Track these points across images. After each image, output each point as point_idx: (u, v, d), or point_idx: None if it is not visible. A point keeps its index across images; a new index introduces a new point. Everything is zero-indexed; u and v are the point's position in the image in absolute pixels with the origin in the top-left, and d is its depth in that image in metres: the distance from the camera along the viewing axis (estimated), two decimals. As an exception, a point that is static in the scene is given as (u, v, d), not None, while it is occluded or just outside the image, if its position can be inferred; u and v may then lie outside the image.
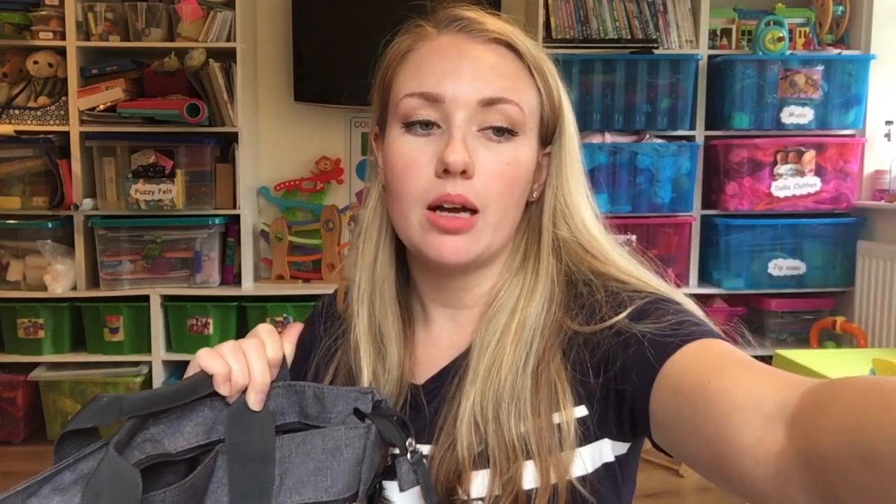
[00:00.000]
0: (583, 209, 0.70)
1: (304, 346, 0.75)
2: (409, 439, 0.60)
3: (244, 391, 0.60)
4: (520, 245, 0.71)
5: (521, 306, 0.67)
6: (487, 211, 0.64)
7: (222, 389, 0.59)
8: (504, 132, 0.65)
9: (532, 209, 0.71)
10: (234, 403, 0.59)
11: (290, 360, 0.65)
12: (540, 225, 0.70)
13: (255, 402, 0.59)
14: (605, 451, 0.63)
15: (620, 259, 0.69)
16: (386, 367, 0.69)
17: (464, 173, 0.63)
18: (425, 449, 0.65)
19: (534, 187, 0.70)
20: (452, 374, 0.67)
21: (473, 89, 0.63)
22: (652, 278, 0.68)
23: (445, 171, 0.62)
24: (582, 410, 0.62)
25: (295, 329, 0.68)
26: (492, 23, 0.66)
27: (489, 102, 0.63)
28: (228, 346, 0.61)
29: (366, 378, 0.69)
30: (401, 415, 0.61)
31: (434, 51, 0.66)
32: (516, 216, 0.68)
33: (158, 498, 0.53)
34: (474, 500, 0.61)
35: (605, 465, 0.63)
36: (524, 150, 0.66)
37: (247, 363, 0.60)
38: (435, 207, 0.64)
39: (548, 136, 0.70)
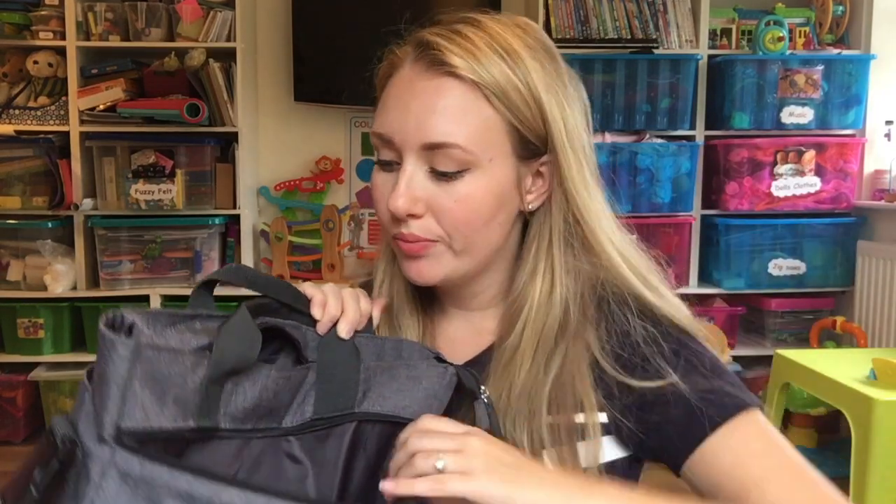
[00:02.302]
0: (592, 218, 0.69)
1: None
2: (482, 386, 0.62)
3: (335, 325, 0.62)
4: (529, 252, 0.71)
5: (532, 317, 0.68)
6: (446, 240, 0.67)
7: (316, 311, 0.61)
8: (450, 174, 0.65)
9: (538, 218, 0.71)
10: (326, 334, 0.62)
11: (375, 323, 0.67)
12: (550, 234, 0.70)
13: (344, 330, 0.61)
14: (617, 448, 0.68)
15: (635, 277, 0.70)
16: None
17: (412, 215, 0.66)
18: None
19: (527, 199, 0.70)
20: (478, 367, 0.70)
21: (417, 134, 0.65)
22: (672, 298, 0.71)
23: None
24: (603, 417, 0.66)
25: (381, 301, 0.70)
26: (453, 49, 0.64)
27: (431, 147, 0.65)
28: (329, 285, 0.65)
29: None
30: (471, 370, 0.64)
31: (395, 86, 0.68)
32: (492, 237, 0.69)
33: (265, 371, 0.57)
34: None
35: (622, 459, 0.68)
36: (480, 182, 0.66)
37: (342, 301, 0.63)
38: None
39: (537, 146, 0.68)
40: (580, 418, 0.65)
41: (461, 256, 0.68)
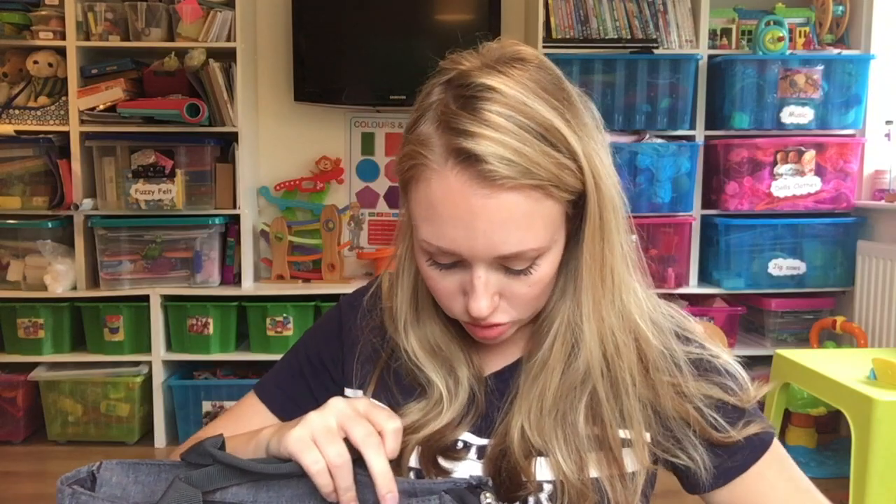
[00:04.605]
0: (618, 274, 0.68)
1: (343, 331, 0.79)
2: (485, 493, 0.58)
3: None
4: (561, 274, 0.70)
5: (562, 332, 0.69)
6: (517, 317, 0.68)
7: (321, 483, 0.55)
8: (525, 269, 0.64)
9: (571, 243, 0.69)
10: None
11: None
12: (580, 259, 0.68)
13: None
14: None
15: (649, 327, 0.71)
16: (458, 381, 0.72)
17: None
18: (483, 441, 0.70)
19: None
20: (508, 380, 0.72)
21: (488, 250, 0.61)
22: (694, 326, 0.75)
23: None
24: (647, 436, 0.69)
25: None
26: (501, 153, 0.58)
27: (505, 258, 0.62)
28: (321, 422, 0.57)
29: (442, 390, 0.72)
30: (481, 478, 0.59)
31: (442, 197, 0.61)
32: (549, 290, 0.69)
33: None
34: (545, 482, 0.66)
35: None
36: (548, 261, 0.65)
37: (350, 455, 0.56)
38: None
39: (579, 206, 0.67)
40: (624, 433, 0.67)
41: (526, 318, 0.70)
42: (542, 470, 0.66)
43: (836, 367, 1.98)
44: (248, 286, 2.90)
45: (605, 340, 0.67)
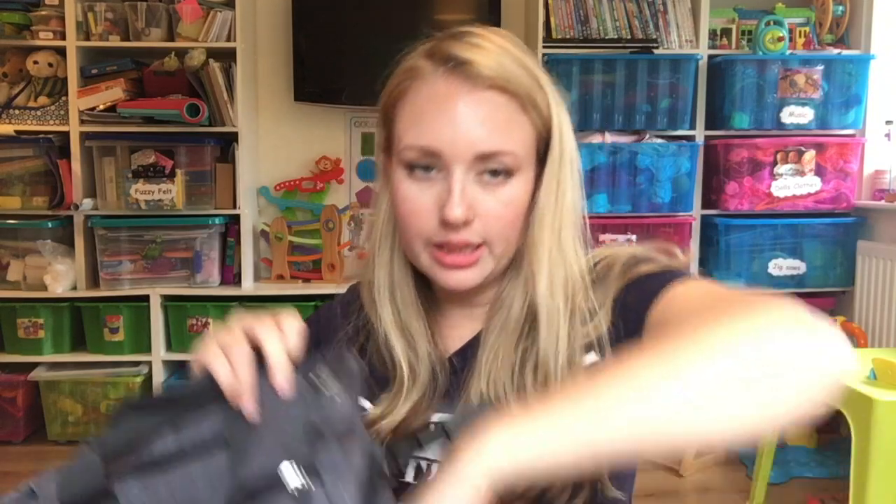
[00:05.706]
0: (565, 230, 0.72)
1: (322, 325, 0.82)
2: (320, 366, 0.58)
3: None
4: (521, 248, 0.74)
5: (517, 304, 0.72)
6: (491, 244, 0.70)
7: (220, 377, 0.57)
8: (501, 174, 0.68)
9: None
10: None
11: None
12: (534, 225, 0.72)
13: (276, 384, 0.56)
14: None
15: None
16: (419, 357, 0.74)
17: (465, 222, 0.68)
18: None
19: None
20: (469, 356, 0.74)
21: (469, 144, 0.66)
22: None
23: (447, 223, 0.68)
24: (592, 357, 0.69)
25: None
26: (486, 62, 0.67)
27: (485, 156, 0.67)
28: (233, 328, 0.61)
29: (405, 368, 0.74)
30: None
31: (430, 99, 0.68)
32: (518, 237, 0.72)
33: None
34: None
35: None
36: (521, 186, 0.70)
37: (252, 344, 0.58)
38: (440, 245, 0.70)
39: (544, 154, 0.72)
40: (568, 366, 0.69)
41: (498, 259, 0.72)
42: None
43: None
44: (248, 286, 2.90)
45: (540, 283, 0.70)
